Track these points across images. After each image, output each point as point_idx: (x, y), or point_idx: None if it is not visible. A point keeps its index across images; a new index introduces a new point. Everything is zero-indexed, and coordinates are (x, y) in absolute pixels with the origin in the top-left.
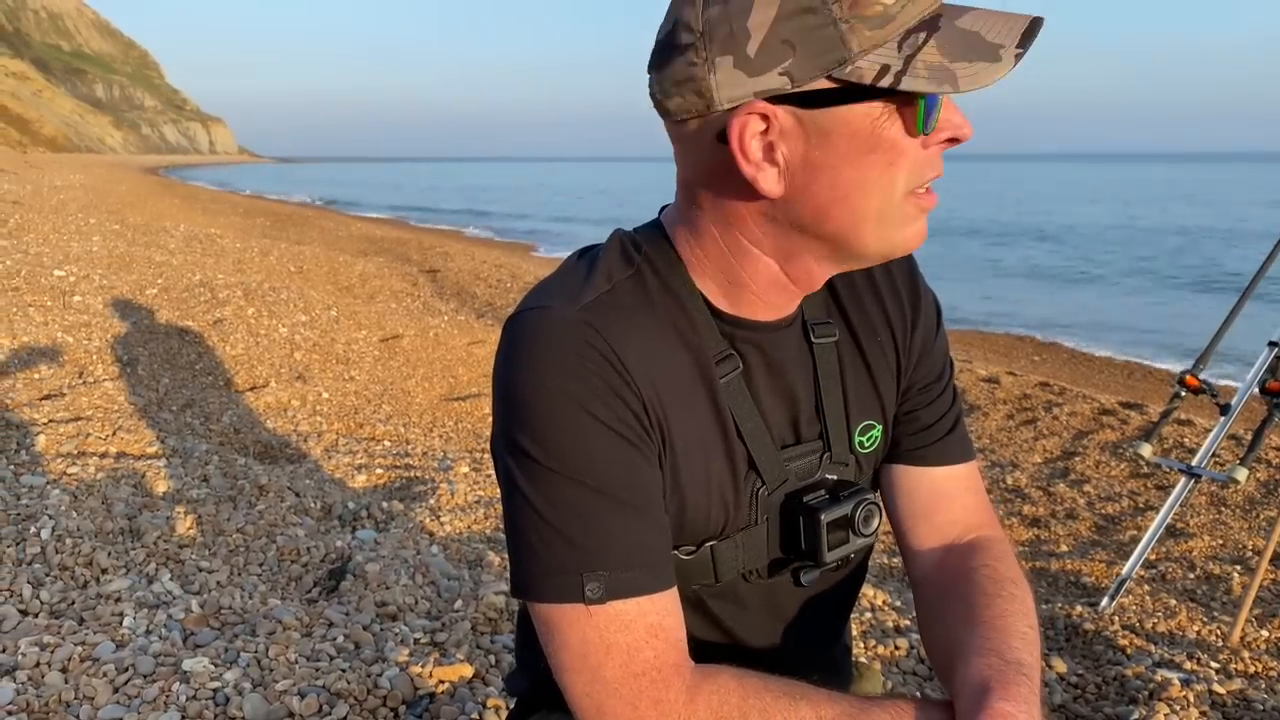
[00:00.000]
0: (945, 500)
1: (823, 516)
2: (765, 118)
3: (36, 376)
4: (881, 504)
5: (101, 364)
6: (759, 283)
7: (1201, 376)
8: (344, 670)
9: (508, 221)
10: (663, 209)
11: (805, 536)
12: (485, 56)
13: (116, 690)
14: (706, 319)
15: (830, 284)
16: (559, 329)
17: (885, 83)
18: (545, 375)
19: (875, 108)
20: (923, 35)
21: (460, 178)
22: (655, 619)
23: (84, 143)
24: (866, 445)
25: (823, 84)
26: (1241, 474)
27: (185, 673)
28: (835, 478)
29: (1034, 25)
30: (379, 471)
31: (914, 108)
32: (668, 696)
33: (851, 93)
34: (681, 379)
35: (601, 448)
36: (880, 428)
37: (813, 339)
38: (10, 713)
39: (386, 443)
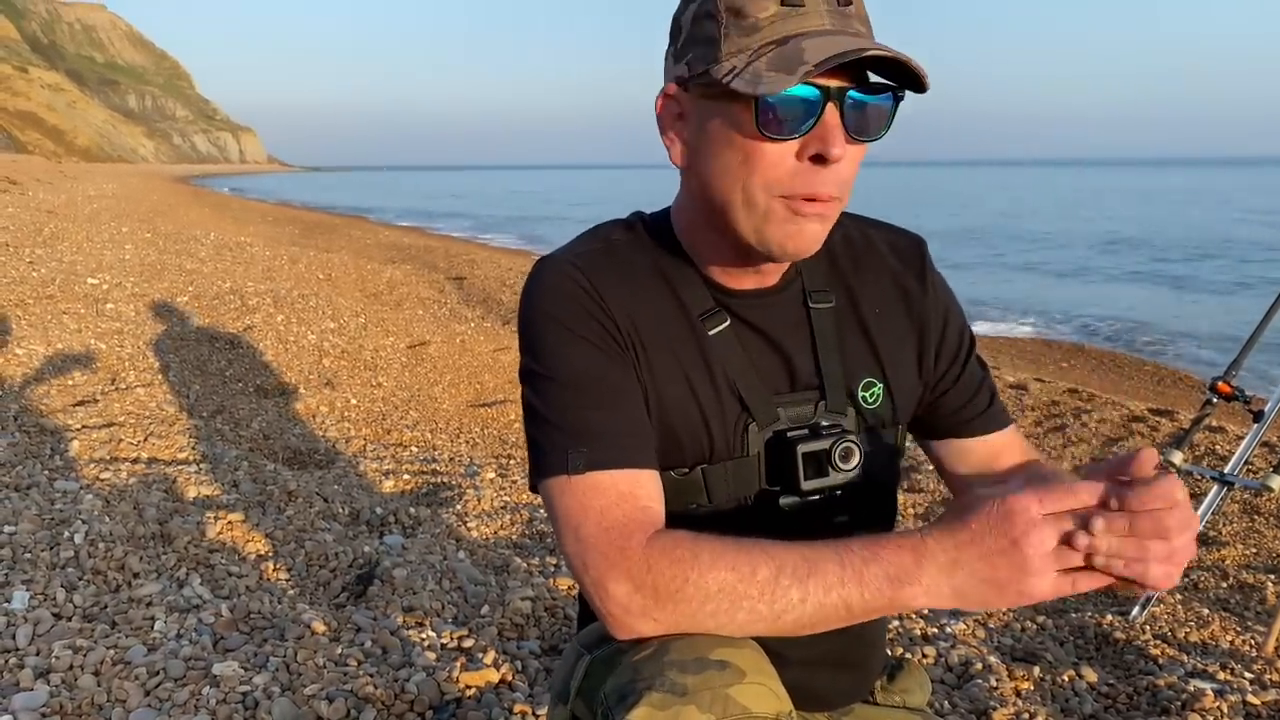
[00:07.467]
0: (995, 460)
1: (799, 448)
2: (672, 97)
3: (70, 383)
4: (861, 445)
5: (134, 370)
6: (723, 253)
7: (1234, 383)
8: (371, 675)
9: (536, 229)
10: None
11: (784, 465)
12: (518, 65)
13: (147, 693)
14: (695, 281)
15: (835, 260)
16: (553, 272)
17: (725, 80)
18: (540, 304)
19: (735, 109)
20: (772, 48)
21: (488, 185)
22: (626, 488)
23: (117, 152)
24: (870, 401)
25: (709, 79)
26: (1276, 482)
27: (215, 676)
28: (828, 423)
29: (850, 54)
30: (406, 477)
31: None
32: (631, 544)
33: (730, 91)
34: (664, 320)
35: (580, 356)
36: (881, 386)
37: (810, 305)
38: (44, 715)
39: (414, 449)
